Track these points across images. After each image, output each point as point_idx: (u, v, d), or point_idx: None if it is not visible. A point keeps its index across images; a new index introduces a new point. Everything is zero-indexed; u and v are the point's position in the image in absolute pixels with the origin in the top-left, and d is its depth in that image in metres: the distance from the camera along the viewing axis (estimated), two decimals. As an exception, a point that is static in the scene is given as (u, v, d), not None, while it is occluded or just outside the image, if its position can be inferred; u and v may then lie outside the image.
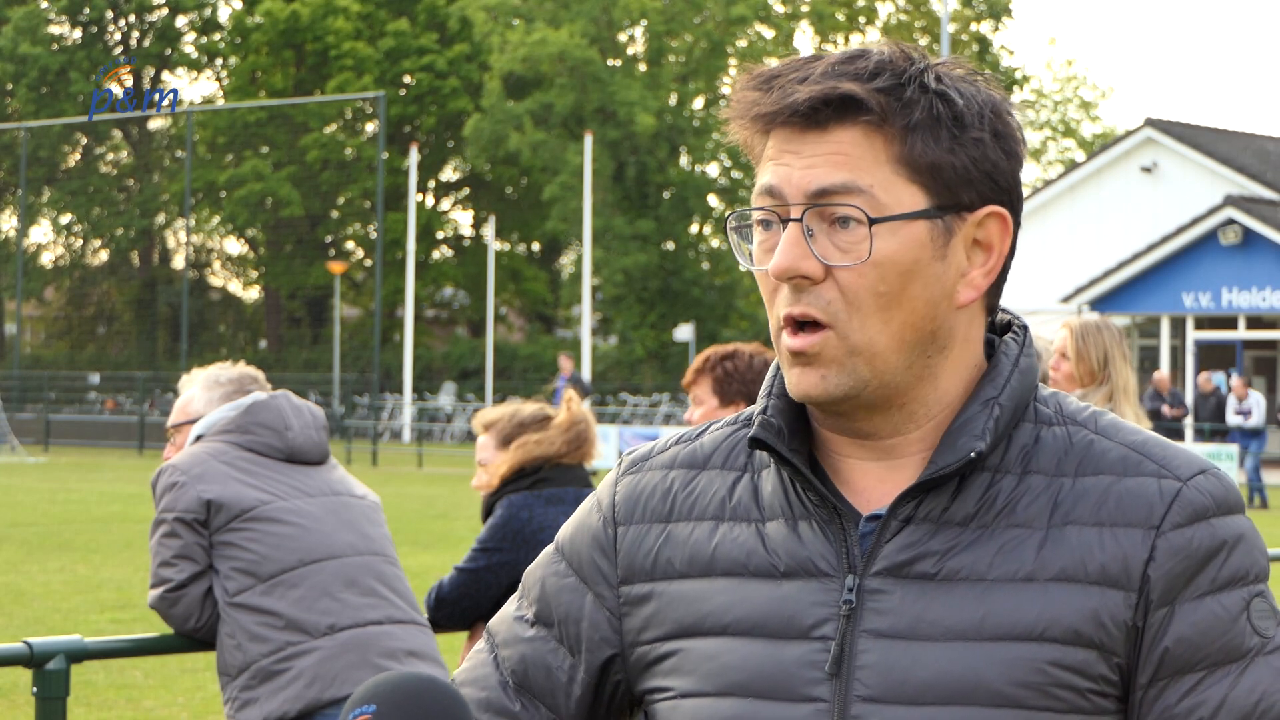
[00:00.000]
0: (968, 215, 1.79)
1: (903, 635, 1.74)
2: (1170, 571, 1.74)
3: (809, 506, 1.82)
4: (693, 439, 1.95)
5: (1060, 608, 1.73)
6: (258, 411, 4.90)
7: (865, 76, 1.76)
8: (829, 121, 1.75)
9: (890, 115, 1.75)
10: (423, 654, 4.76)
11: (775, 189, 1.78)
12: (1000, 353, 1.84)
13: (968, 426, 1.78)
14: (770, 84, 1.79)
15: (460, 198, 65.74)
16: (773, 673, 1.77)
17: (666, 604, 1.86)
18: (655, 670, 1.87)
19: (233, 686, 4.67)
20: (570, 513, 5.32)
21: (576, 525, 1.97)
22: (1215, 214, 35.66)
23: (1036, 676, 1.72)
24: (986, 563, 1.75)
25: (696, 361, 5.20)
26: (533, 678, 1.93)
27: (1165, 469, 1.78)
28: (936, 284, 1.78)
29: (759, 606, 1.80)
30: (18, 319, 55.47)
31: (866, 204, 1.74)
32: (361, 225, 61.43)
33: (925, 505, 1.78)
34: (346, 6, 58.52)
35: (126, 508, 22.81)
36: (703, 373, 5.15)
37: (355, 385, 50.08)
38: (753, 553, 1.83)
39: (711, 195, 57.94)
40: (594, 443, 5.51)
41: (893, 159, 1.75)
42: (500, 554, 5.29)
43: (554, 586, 1.95)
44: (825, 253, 1.75)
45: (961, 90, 1.78)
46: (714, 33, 56.95)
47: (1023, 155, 1.83)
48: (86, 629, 11.56)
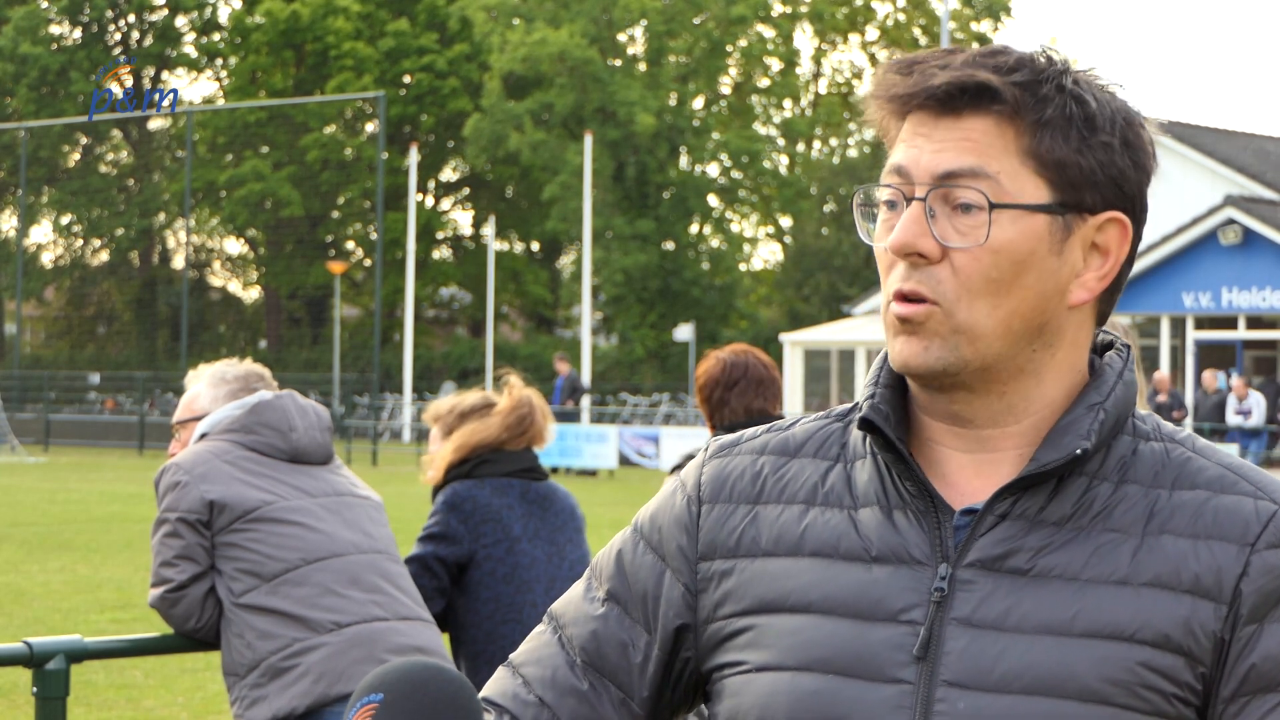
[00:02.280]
0: (1089, 217, 1.81)
1: (992, 626, 1.76)
2: (1263, 589, 1.76)
3: (905, 496, 1.83)
4: (784, 429, 1.96)
5: (1153, 612, 1.74)
6: (262, 411, 4.89)
7: (1004, 70, 1.79)
8: (963, 108, 1.79)
9: (1023, 108, 1.78)
10: (429, 650, 4.76)
11: (904, 169, 1.80)
12: (1105, 364, 1.86)
13: (1073, 426, 1.80)
14: (911, 69, 1.81)
15: (460, 198, 65.75)
16: (858, 651, 1.78)
17: (748, 579, 1.86)
18: (729, 645, 1.86)
19: (241, 685, 4.67)
20: (518, 506, 5.33)
21: (658, 504, 1.97)
22: (1215, 214, 35.68)
23: (1126, 675, 1.73)
24: (1081, 563, 1.77)
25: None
26: (606, 654, 1.93)
27: (1261, 491, 1.81)
28: (1050, 279, 1.79)
29: (847, 587, 1.81)
30: (18, 319, 55.47)
31: (990, 189, 1.77)
32: (361, 225, 61.44)
33: (1022, 503, 1.79)
34: (346, 6, 58.52)
35: (126, 508, 22.81)
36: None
37: (355, 385, 50.07)
38: (844, 536, 1.84)
39: (711, 195, 57.93)
40: (542, 428, 5.43)
41: (1021, 151, 1.78)
42: (446, 542, 5.25)
43: (630, 563, 1.95)
44: (944, 234, 1.78)
45: (1097, 96, 1.81)
46: (714, 33, 56.94)
47: (1151, 170, 1.84)
48: (86, 629, 11.56)
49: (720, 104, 60.60)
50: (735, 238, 59.33)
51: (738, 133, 57.78)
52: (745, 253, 61.11)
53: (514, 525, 5.29)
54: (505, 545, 5.25)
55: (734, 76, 60.64)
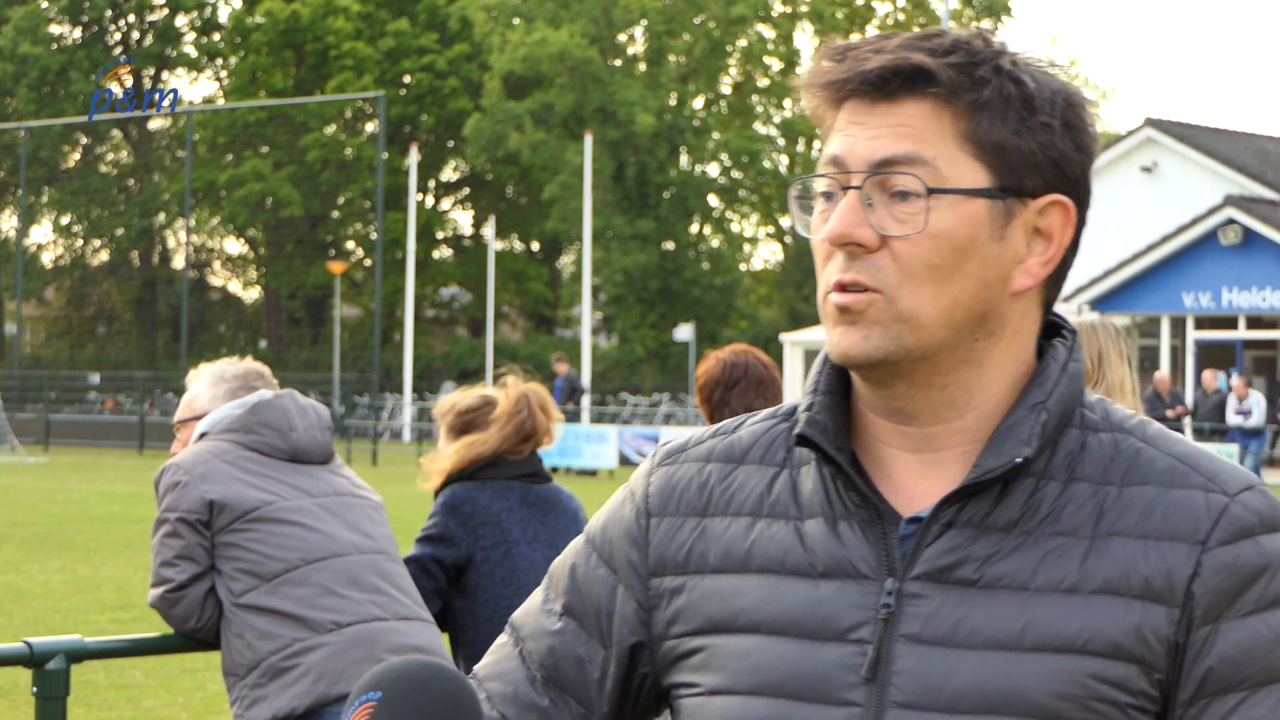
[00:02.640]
0: (1030, 201, 1.76)
1: (941, 642, 1.72)
2: (1215, 588, 1.71)
3: (850, 506, 1.79)
4: (730, 432, 1.91)
5: (1103, 621, 1.70)
6: (263, 411, 4.89)
7: (939, 52, 1.75)
8: (898, 92, 1.74)
9: (959, 90, 1.74)
10: (429, 650, 4.76)
11: (839, 158, 1.76)
12: (1049, 356, 1.80)
13: (1014, 431, 1.75)
14: (845, 55, 1.78)
15: (460, 198, 65.75)
16: (807, 674, 1.75)
17: (698, 598, 1.83)
18: (683, 665, 1.84)
19: (241, 685, 4.67)
20: (518, 509, 5.32)
21: (608, 515, 1.93)
22: (1215, 214, 35.68)
23: (1077, 689, 1.69)
24: (1029, 571, 1.73)
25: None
26: (563, 671, 1.90)
27: (1212, 482, 1.75)
28: (992, 265, 1.75)
29: (794, 606, 1.77)
30: (18, 319, 55.47)
31: (927, 175, 1.73)
32: (361, 225, 61.44)
33: (968, 510, 1.75)
34: (346, 6, 58.53)
35: (126, 508, 22.81)
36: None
37: (355, 385, 50.07)
38: (790, 551, 1.80)
39: (711, 195, 57.94)
40: (544, 425, 5.38)
41: (959, 134, 1.74)
42: (444, 544, 5.26)
43: (584, 577, 1.91)
44: (882, 223, 1.73)
45: (1035, 76, 1.76)
46: (714, 33, 56.95)
47: (1094, 151, 1.80)
48: (86, 629, 11.55)
49: (720, 104, 60.62)
50: (735, 238, 59.35)
51: (738, 133, 57.79)
52: (745, 253, 61.15)
53: (513, 528, 5.28)
54: (503, 548, 5.25)
55: (734, 76, 60.65)
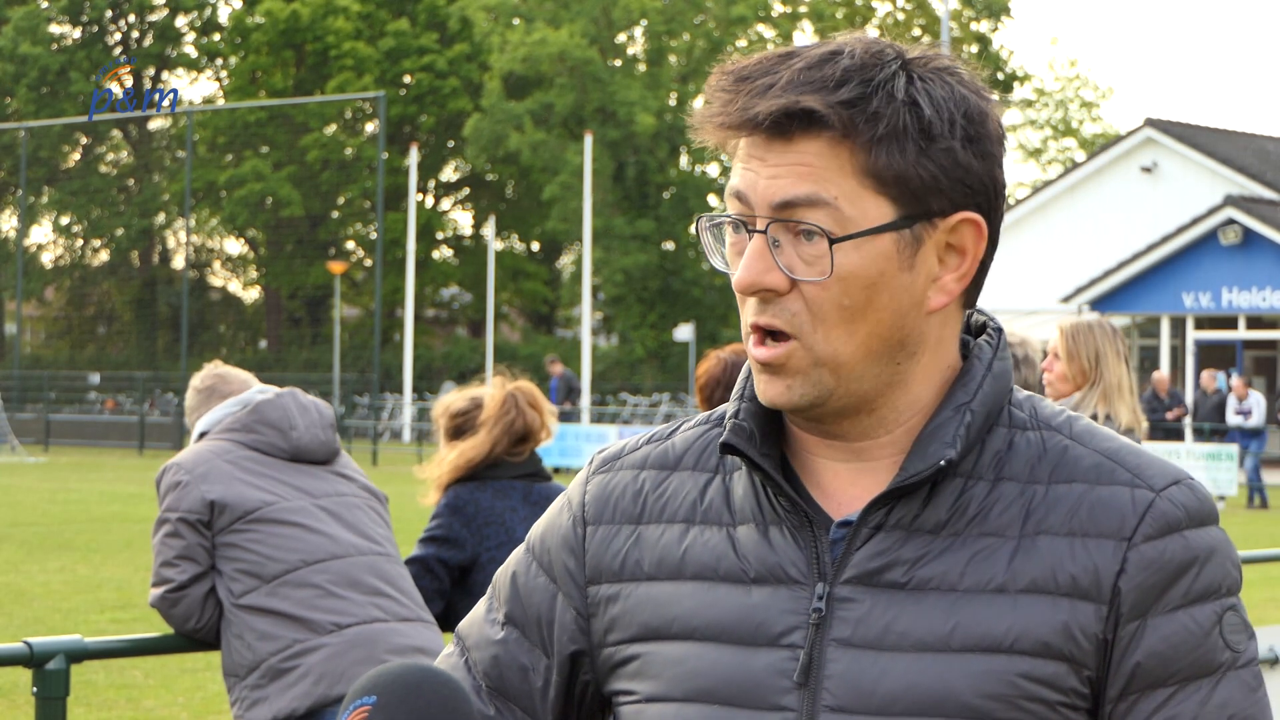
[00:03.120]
0: (939, 221, 1.75)
1: (871, 645, 1.73)
2: (1141, 584, 1.72)
3: (780, 512, 1.79)
4: (664, 438, 1.92)
5: (1030, 620, 1.71)
6: (263, 410, 4.89)
7: (831, 86, 1.71)
8: (793, 131, 1.72)
9: (854, 129, 1.71)
10: (429, 650, 4.76)
11: (743, 194, 1.75)
12: (973, 356, 1.81)
13: (938, 433, 1.75)
14: (739, 87, 1.75)
15: (460, 198, 65.75)
16: (741, 680, 1.76)
17: (634, 606, 1.84)
18: (621, 673, 1.85)
19: (241, 686, 4.67)
20: (520, 508, 5.33)
21: (547, 524, 1.95)
22: (1215, 214, 35.67)
23: (1006, 689, 1.70)
24: (958, 572, 1.73)
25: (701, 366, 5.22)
26: (507, 679, 1.92)
27: (1139, 478, 1.76)
28: (905, 294, 1.74)
29: (728, 612, 1.78)
30: (18, 319, 55.45)
31: (830, 218, 1.71)
32: (361, 225, 61.43)
33: (896, 512, 1.76)
34: (346, 6, 58.52)
35: (126, 508, 22.81)
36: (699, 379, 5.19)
37: (355, 385, 50.07)
38: (723, 557, 1.81)
39: (711, 195, 57.94)
40: (537, 428, 5.36)
41: (858, 171, 1.71)
42: (448, 545, 5.26)
43: (525, 586, 1.93)
44: (790, 264, 1.73)
45: (933, 95, 1.73)
46: (714, 33, 56.96)
47: (999, 153, 1.78)
48: (86, 629, 11.56)
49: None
50: (735, 238, 59.35)
51: (738, 133, 57.79)
52: (745, 253, 61.12)
53: (517, 528, 5.29)
54: (508, 548, 5.25)
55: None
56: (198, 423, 4.98)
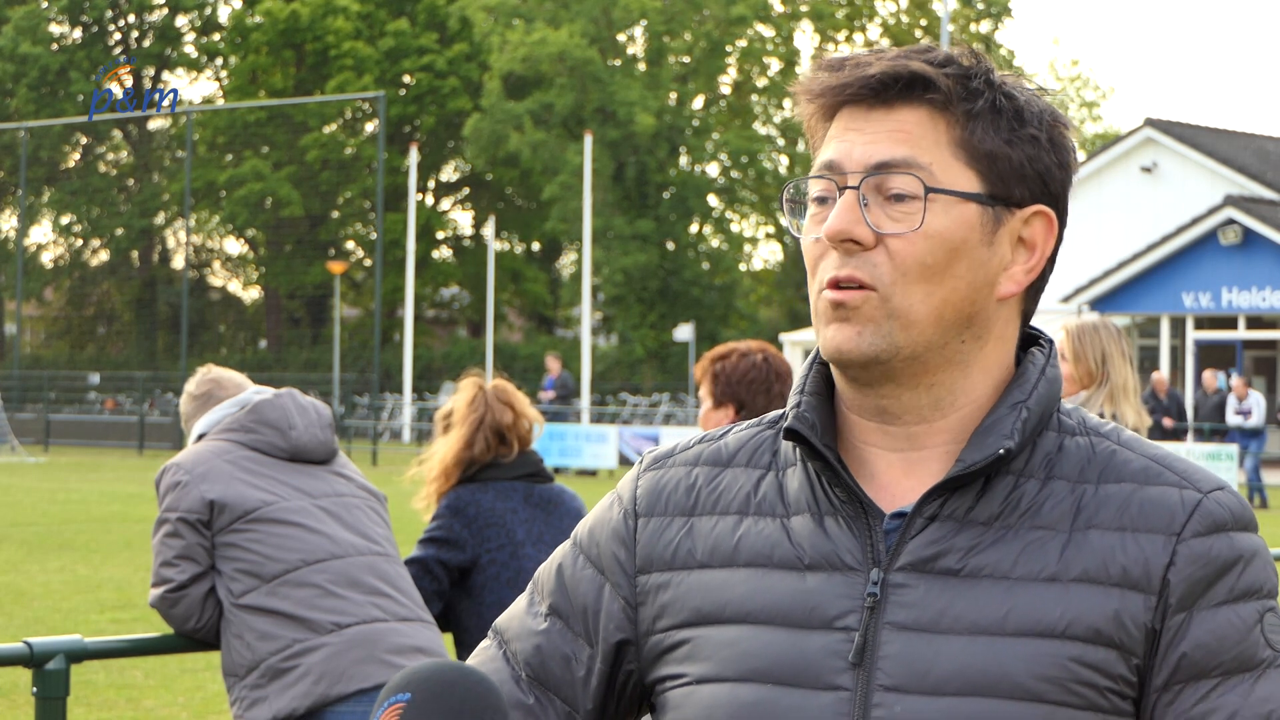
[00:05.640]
0: (1017, 210, 1.84)
1: (925, 628, 1.77)
2: (1190, 577, 1.78)
3: (835, 502, 1.84)
4: (717, 439, 1.97)
5: (1083, 607, 1.76)
6: (262, 410, 4.90)
7: (936, 63, 1.82)
8: (895, 99, 1.81)
9: (955, 99, 1.81)
10: (429, 650, 4.76)
11: (835, 163, 1.83)
12: (1028, 361, 1.88)
13: (996, 427, 1.81)
14: (843, 64, 1.85)
15: (460, 198, 65.75)
16: (795, 660, 1.80)
17: (685, 592, 1.87)
18: (669, 657, 1.88)
19: (241, 686, 4.67)
20: (522, 509, 5.32)
21: (595, 519, 1.99)
22: (1215, 214, 35.67)
23: (1059, 671, 1.75)
24: (1010, 561, 1.78)
25: (703, 360, 5.20)
26: (550, 669, 1.94)
27: (1186, 480, 1.82)
28: (981, 269, 1.82)
29: (782, 597, 1.82)
30: (18, 319, 55.44)
31: (923, 178, 1.80)
32: (361, 225, 61.43)
33: (950, 504, 1.81)
34: (346, 6, 58.52)
35: (126, 508, 22.81)
36: (705, 371, 5.15)
37: (355, 385, 50.07)
38: (777, 545, 1.85)
39: (711, 195, 57.94)
40: (511, 423, 5.32)
41: (953, 142, 1.81)
42: (449, 546, 5.25)
43: (571, 578, 1.96)
44: (878, 221, 1.80)
45: (1025, 92, 1.86)
46: (714, 33, 56.94)
47: (1073, 171, 1.89)
48: (86, 629, 11.56)
49: (720, 104, 60.61)
50: (735, 238, 59.35)
51: (737, 133, 57.79)
52: (745, 253, 61.13)
53: (518, 529, 5.29)
54: (509, 550, 5.25)
55: (734, 76, 60.65)
56: (195, 425, 4.99)
